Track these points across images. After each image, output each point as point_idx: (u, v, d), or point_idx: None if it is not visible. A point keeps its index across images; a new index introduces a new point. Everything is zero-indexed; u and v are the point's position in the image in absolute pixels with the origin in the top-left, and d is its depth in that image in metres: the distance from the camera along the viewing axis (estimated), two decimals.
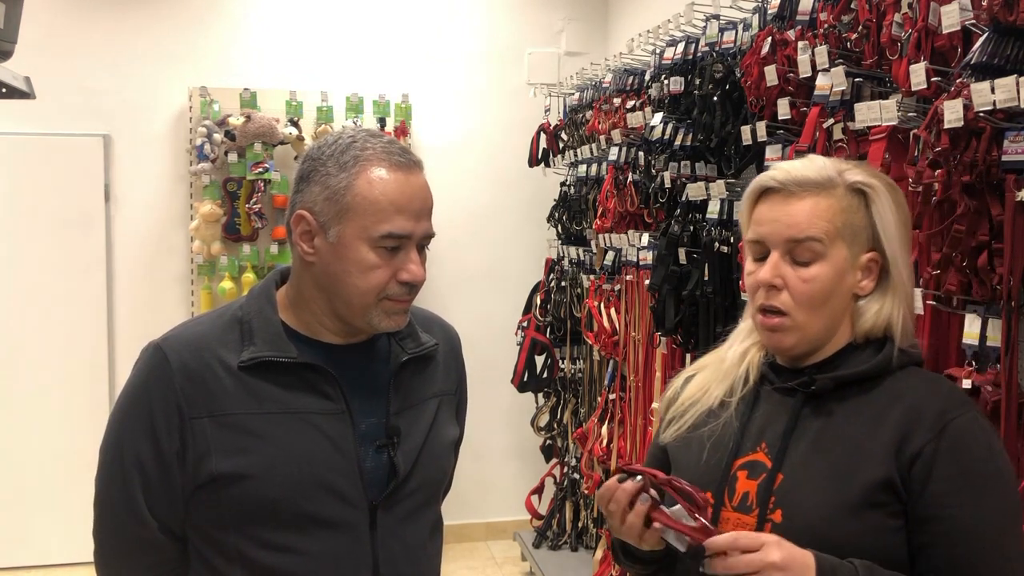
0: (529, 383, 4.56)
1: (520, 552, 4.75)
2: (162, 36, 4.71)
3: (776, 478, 1.28)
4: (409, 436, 1.43)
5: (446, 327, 1.59)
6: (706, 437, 1.38)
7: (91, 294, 4.68)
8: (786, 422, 1.32)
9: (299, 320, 1.40)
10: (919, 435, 1.23)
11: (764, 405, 1.36)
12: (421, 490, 1.44)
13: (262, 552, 1.34)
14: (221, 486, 1.33)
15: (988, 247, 1.73)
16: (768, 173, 1.35)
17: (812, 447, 1.29)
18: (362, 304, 1.35)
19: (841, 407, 1.30)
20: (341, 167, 1.33)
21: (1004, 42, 1.69)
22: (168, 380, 1.34)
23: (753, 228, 1.35)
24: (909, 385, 1.30)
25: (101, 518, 1.42)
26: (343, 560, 1.36)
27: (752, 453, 1.33)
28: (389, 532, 1.39)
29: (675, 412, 1.45)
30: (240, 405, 1.34)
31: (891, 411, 1.27)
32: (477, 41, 5.03)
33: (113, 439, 1.39)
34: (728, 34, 2.91)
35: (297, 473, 1.33)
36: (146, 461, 1.34)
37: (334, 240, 1.33)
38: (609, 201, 3.60)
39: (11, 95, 1.79)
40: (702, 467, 1.36)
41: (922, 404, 1.26)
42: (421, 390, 1.48)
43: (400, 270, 1.34)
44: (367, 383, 1.42)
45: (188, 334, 1.39)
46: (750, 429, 1.35)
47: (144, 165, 4.74)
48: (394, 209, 1.32)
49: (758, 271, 1.33)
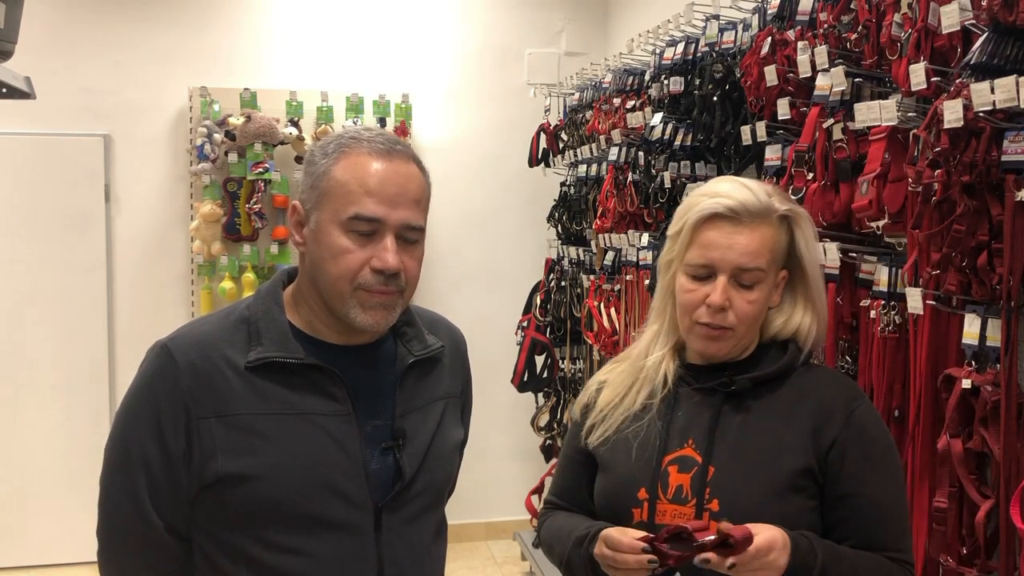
0: (529, 383, 4.56)
1: (520, 552, 4.75)
2: (162, 36, 4.71)
3: (708, 470, 1.41)
4: (415, 438, 1.42)
5: (452, 329, 1.59)
6: (632, 438, 1.49)
7: (91, 294, 4.68)
8: (709, 419, 1.45)
9: (303, 320, 1.40)
10: (831, 427, 1.41)
11: (685, 405, 1.48)
12: (426, 492, 1.44)
13: (267, 553, 1.34)
14: (227, 487, 1.32)
15: (988, 247, 1.73)
16: (716, 200, 1.43)
17: (737, 441, 1.43)
18: (337, 292, 1.33)
19: (757, 404, 1.45)
20: (325, 155, 1.35)
21: (1004, 42, 1.69)
22: (175, 380, 1.33)
23: (699, 252, 1.44)
24: (812, 381, 1.48)
25: (106, 518, 1.41)
26: (348, 562, 1.36)
27: (680, 449, 1.45)
28: (394, 534, 1.39)
29: (596, 418, 1.55)
30: (247, 405, 1.33)
31: (801, 406, 1.44)
32: (477, 41, 5.03)
33: (119, 438, 1.38)
34: (728, 34, 2.91)
35: (303, 474, 1.33)
36: (152, 461, 1.34)
37: (314, 226, 1.34)
38: (609, 201, 3.60)
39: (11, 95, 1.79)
40: (632, 465, 1.47)
41: (828, 398, 1.44)
42: (427, 392, 1.47)
43: (374, 257, 1.32)
44: (373, 385, 1.41)
45: (195, 334, 1.39)
46: (674, 428, 1.46)
47: (144, 165, 4.74)
48: (363, 191, 1.31)
49: (701, 291, 1.44)
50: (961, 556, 1.82)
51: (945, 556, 1.83)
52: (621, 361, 1.60)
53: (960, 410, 1.79)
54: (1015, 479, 1.69)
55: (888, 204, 1.98)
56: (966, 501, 1.80)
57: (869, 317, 2.08)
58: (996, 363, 1.74)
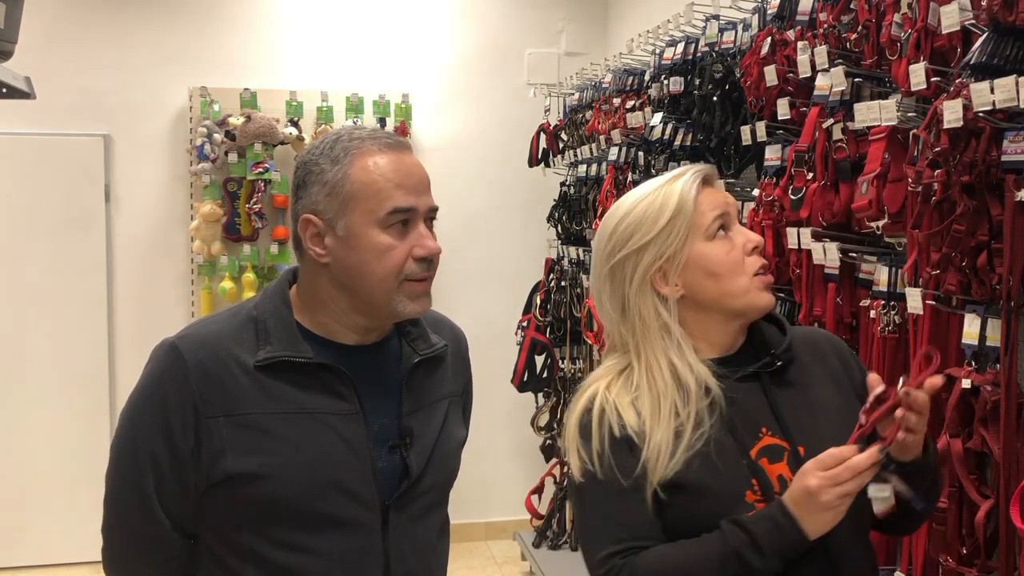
0: (529, 383, 4.56)
1: (520, 552, 4.75)
2: (162, 36, 4.71)
3: (799, 451, 1.37)
4: (421, 437, 1.43)
5: (455, 328, 1.60)
6: (704, 450, 1.36)
7: (91, 294, 4.68)
8: (769, 404, 1.41)
9: (314, 321, 1.40)
10: (849, 366, 1.48)
11: (731, 398, 1.40)
12: (432, 491, 1.45)
13: (275, 551, 1.34)
14: (236, 485, 1.33)
15: (987, 247, 1.73)
16: (690, 175, 1.44)
17: (803, 414, 1.41)
18: (385, 290, 1.34)
19: (790, 374, 1.45)
20: (334, 161, 1.34)
21: (1003, 42, 1.69)
22: (184, 378, 1.33)
23: (709, 211, 1.42)
24: (803, 333, 1.53)
25: (112, 515, 1.41)
26: (355, 559, 1.37)
27: (759, 441, 1.38)
28: (400, 532, 1.40)
29: (657, 450, 1.36)
30: (256, 404, 1.34)
31: (821, 358, 1.48)
32: (477, 41, 5.03)
33: (126, 436, 1.38)
34: (728, 34, 2.91)
35: (311, 473, 1.34)
36: (160, 459, 1.34)
37: (343, 233, 1.34)
38: (609, 201, 3.60)
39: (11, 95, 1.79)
40: (723, 477, 1.35)
41: (828, 343, 1.52)
42: (432, 391, 1.48)
43: (415, 246, 1.35)
44: (380, 384, 1.42)
45: (203, 333, 1.39)
46: (737, 423, 1.38)
47: (144, 165, 4.74)
48: (393, 185, 1.33)
49: (736, 242, 1.42)
50: (961, 556, 1.82)
51: (945, 556, 1.83)
52: (638, 391, 1.42)
53: (960, 410, 1.80)
54: (1015, 479, 1.69)
55: (888, 204, 1.99)
56: (966, 501, 1.80)
57: (869, 317, 2.08)
58: (996, 363, 1.74)
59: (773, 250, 2.42)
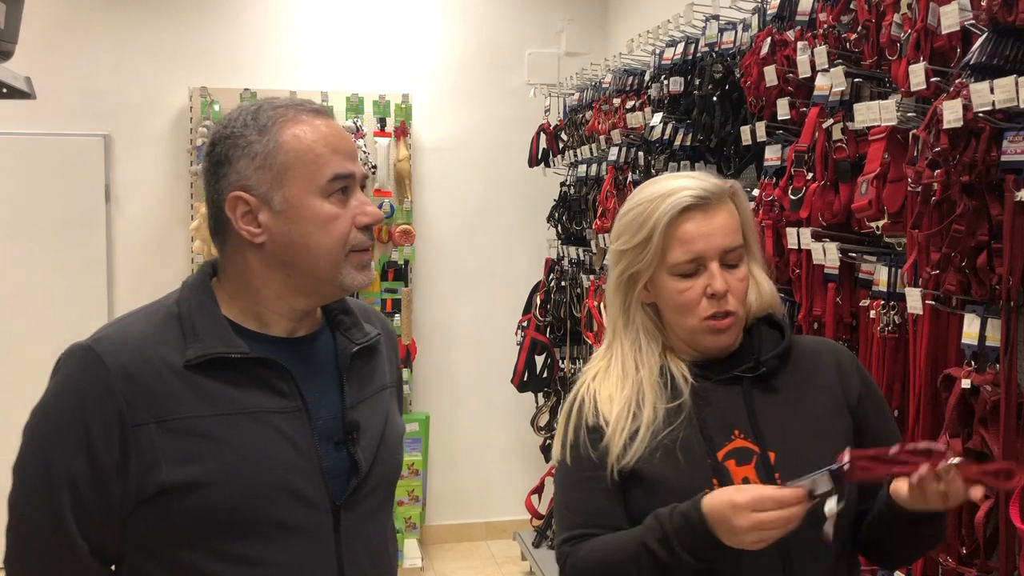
0: (529, 383, 4.57)
1: (520, 552, 4.75)
2: (162, 36, 4.71)
3: (769, 456, 1.38)
4: (367, 430, 1.34)
5: (382, 318, 1.52)
6: (671, 445, 1.39)
7: (91, 294, 4.68)
8: (746, 408, 1.41)
9: (243, 313, 1.30)
10: (851, 381, 1.46)
11: (710, 400, 1.42)
12: (380, 487, 1.37)
13: (219, 565, 1.23)
14: (173, 497, 1.20)
15: (987, 247, 1.73)
16: (680, 194, 1.40)
17: (782, 421, 1.41)
18: (332, 263, 1.26)
19: (779, 381, 1.44)
20: (261, 132, 1.25)
21: (1003, 42, 1.69)
22: (105, 384, 1.21)
23: (682, 249, 1.40)
24: (807, 344, 1.51)
25: (21, 543, 1.25)
26: (307, 566, 1.27)
27: (729, 443, 1.40)
28: (352, 534, 1.31)
29: (620, 438, 1.41)
30: (190, 407, 1.22)
31: (818, 369, 1.47)
32: (477, 41, 5.03)
33: (35, 454, 1.24)
34: (728, 34, 2.91)
35: (257, 477, 1.23)
36: (79, 477, 1.20)
37: (282, 207, 1.24)
38: (609, 201, 3.61)
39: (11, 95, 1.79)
40: (685, 471, 1.38)
41: (832, 355, 1.49)
42: (372, 382, 1.40)
43: (358, 214, 1.28)
44: (318, 377, 1.33)
45: (122, 334, 1.27)
46: (710, 424, 1.40)
47: (144, 165, 4.74)
48: (330, 151, 1.26)
49: (695, 285, 1.41)
50: (961, 556, 1.82)
51: (945, 556, 1.84)
52: (616, 385, 1.48)
53: (960, 410, 1.80)
54: None
55: (888, 204, 1.99)
56: (966, 501, 1.80)
57: (869, 317, 2.08)
58: (996, 363, 1.74)
59: (773, 250, 2.42)
